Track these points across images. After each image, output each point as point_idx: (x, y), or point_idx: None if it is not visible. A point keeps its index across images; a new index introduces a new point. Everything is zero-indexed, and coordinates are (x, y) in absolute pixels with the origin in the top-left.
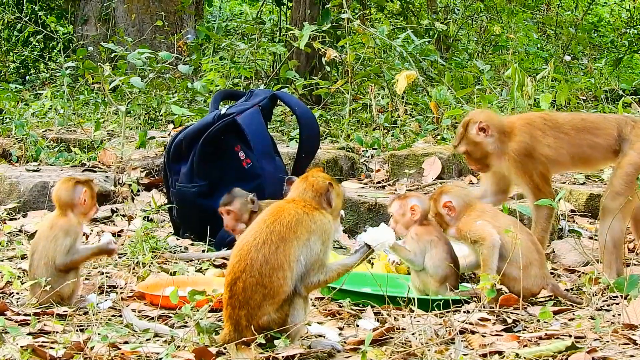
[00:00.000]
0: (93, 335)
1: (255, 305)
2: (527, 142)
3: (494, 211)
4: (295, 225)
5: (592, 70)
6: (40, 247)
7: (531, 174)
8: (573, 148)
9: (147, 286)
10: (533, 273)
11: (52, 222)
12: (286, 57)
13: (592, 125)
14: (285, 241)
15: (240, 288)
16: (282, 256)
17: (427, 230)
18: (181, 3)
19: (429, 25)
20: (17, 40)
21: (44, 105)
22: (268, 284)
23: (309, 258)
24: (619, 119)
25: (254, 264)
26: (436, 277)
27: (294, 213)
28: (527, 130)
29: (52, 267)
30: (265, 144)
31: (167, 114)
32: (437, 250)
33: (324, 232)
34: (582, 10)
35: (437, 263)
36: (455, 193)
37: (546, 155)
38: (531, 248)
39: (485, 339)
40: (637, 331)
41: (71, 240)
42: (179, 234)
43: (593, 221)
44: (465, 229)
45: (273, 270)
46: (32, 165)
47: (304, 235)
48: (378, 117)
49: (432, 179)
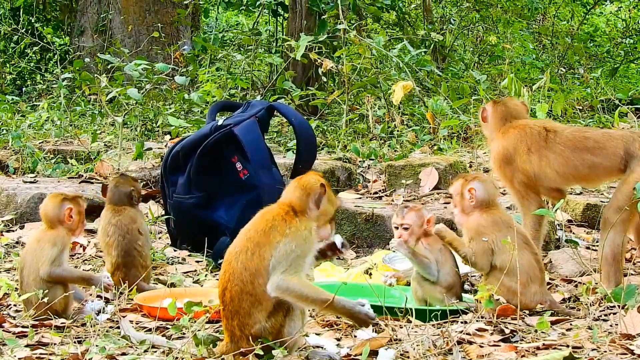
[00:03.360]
0: (91, 347)
1: (245, 313)
2: (508, 150)
3: (508, 223)
4: (270, 230)
5: (588, 80)
6: (28, 262)
7: (511, 179)
8: (563, 168)
9: (145, 298)
10: (533, 290)
11: (39, 236)
12: (283, 67)
13: (595, 145)
14: (259, 246)
15: (229, 298)
16: (258, 261)
17: (436, 240)
18: (177, 14)
19: (425, 35)
20: (14, 52)
21: (40, 117)
22: (251, 290)
23: (277, 258)
24: (625, 136)
25: (235, 272)
26: (445, 285)
27: (271, 219)
28: (514, 141)
29: (40, 279)
30: (262, 155)
31: (163, 125)
32: (446, 259)
33: (299, 237)
34: (578, 20)
35: (447, 271)
36: (485, 185)
37: (525, 170)
38: (534, 265)
39: (483, 350)
40: (634, 341)
41: (57, 250)
42: (176, 245)
43: (590, 231)
44: (470, 231)
45: (253, 276)
46: (29, 177)
47: (275, 239)
48: (375, 127)
49: (429, 190)
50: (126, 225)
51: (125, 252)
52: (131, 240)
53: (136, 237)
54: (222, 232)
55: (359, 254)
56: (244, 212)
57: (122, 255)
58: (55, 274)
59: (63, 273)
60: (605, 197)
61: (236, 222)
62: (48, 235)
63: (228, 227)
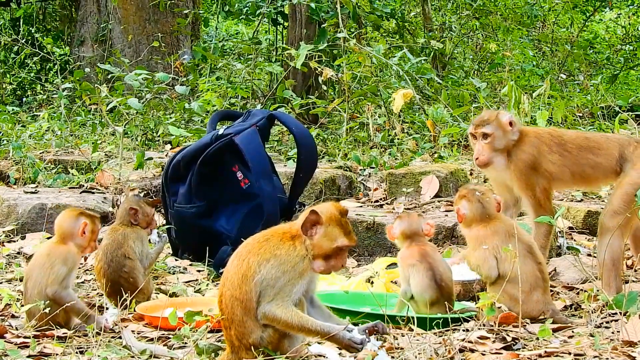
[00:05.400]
0: (93, 357)
1: (239, 322)
2: (534, 155)
3: (509, 231)
4: (264, 242)
5: (588, 87)
6: (35, 275)
7: (534, 188)
8: (575, 166)
9: (147, 307)
10: (535, 298)
11: (50, 249)
12: (283, 76)
13: (595, 145)
14: (250, 254)
15: (223, 304)
16: (246, 267)
17: (411, 254)
18: (177, 24)
19: (425, 43)
20: (14, 62)
21: (41, 127)
22: (240, 295)
23: (265, 280)
24: (621, 139)
25: (228, 275)
26: (422, 302)
27: (270, 234)
28: (536, 144)
29: (45, 295)
30: (263, 164)
31: (164, 134)
32: (419, 276)
33: (287, 262)
34: (577, 27)
35: (416, 282)
36: (471, 204)
37: (550, 171)
38: (537, 275)
39: (484, 358)
40: (636, 348)
41: (67, 270)
42: (178, 254)
43: (591, 238)
44: (471, 241)
45: (240, 281)
46: (30, 187)
47: (267, 254)
48: (375, 135)
49: (430, 197)
50: (111, 253)
51: (111, 281)
52: (116, 269)
53: (121, 264)
54: (223, 241)
55: (360, 263)
56: (245, 221)
57: (110, 284)
58: (60, 297)
59: (67, 298)
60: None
61: (237, 231)
62: (59, 250)
63: (229, 236)
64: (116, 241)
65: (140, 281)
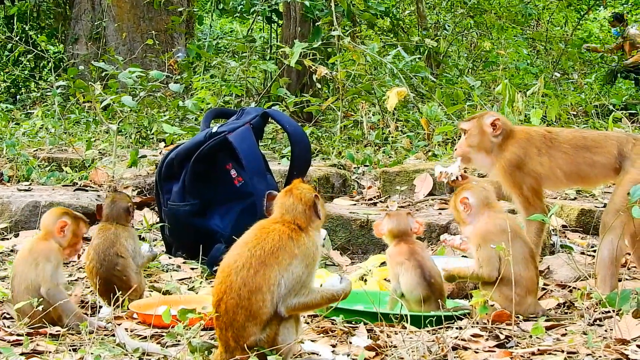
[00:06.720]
0: (86, 355)
1: (239, 326)
2: (520, 156)
3: (517, 232)
4: (278, 250)
5: (582, 86)
6: (20, 271)
7: (520, 186)
8: (570, 166)
9: (140, 305)
10: (529, 302)
11: (32, 245)
12: (277, 74)
13: (592, 144)
14: (265, 266)
15: (223, 309)
16: (261, 280)
17: (399, 252)
18: (172, 21)
19: (420, 42)
20: (8, 60)
21: (35, 125)
22: (247, 305)
23: (290, 281)
24: (620, 137)
25: (233, 286)
26: (412, 299)
27: (278, 239)
28: (523, 145)
29: (34, 291)
30: (257, 162)
31: (158, 132)
32: (408, 274)
33: (308, 256)
34: (571, 25)
35: (409, 288)
36: (475, 191)
37: (537, 172)
38: (534, 281)
39: (478, 355)
40: (629, 346)
41: (52, 266)
42: (171, 252)
43: (584, 236)
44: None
45: (251, 293)
46: (23, 185)
47: (285, 261)
48: (369, 133)
49: (424, 196)
50: (103, 252)
51: (104, 279)
52: (108, 267)
53: (113, 262)
54: (217, 240)
55: (354, 260)
56: (239, 219)
57: (102, 283)
58: (53, 296)
59: (59, 296)
60: (599, 202)
61: (231, 229)
62: (40, 246)
63: (223, 234)
64: (108, 240)
65: (133, 279)
